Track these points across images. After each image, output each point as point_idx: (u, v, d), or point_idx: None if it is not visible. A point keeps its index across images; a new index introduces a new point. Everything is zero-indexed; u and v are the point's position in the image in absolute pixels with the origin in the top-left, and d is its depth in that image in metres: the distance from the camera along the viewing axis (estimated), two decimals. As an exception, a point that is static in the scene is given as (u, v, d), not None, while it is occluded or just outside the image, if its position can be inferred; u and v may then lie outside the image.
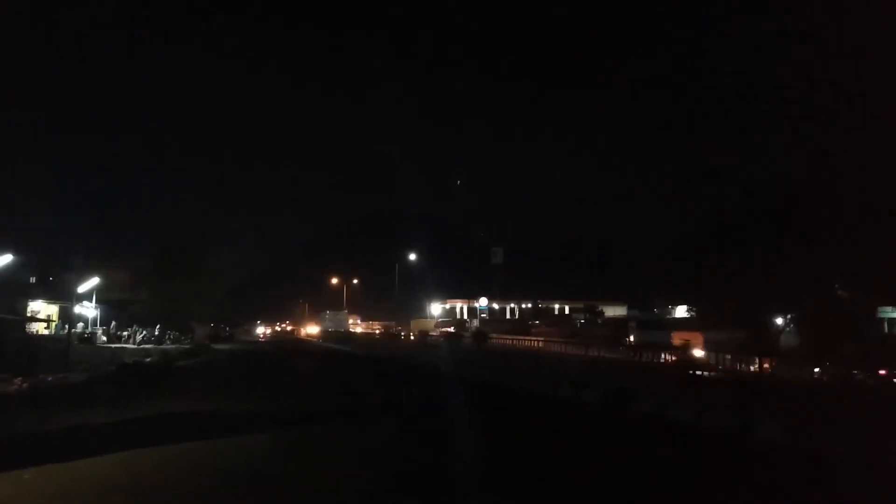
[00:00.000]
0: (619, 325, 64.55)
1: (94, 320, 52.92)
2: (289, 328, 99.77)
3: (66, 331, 40.77)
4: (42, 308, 50.48)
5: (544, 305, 79.07)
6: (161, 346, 46.76)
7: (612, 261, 70.11)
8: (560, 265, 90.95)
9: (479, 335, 58.96)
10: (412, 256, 61.29)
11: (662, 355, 33.60)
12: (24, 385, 17.36)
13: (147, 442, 10.86)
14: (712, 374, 21.94)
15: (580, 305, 69.65)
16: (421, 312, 76.26)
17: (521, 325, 65.79)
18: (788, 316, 35.18)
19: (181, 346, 51.62)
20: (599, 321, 67.93)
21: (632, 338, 53.25)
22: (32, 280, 54.03)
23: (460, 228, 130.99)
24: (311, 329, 75.00)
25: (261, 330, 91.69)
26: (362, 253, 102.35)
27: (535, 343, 48.45)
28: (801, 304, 31.68)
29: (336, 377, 27.73)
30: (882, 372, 11.26)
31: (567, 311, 74.27)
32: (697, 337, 38.93)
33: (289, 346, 60.68)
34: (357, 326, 72.32)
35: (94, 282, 46.07)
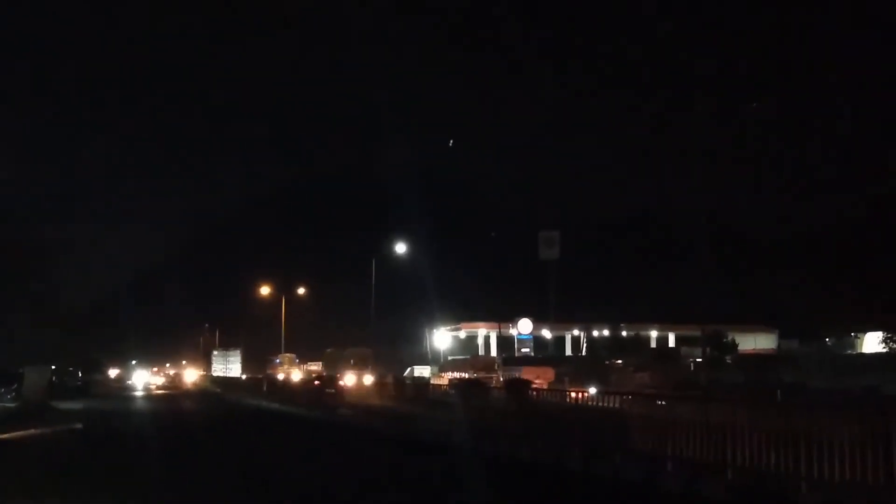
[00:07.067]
0: (762, 366, 38.32)
1: None
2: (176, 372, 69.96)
3: None
4: None
5: (631, 333, 50.03)
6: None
7: (738, 257, 43.47)
8: (651, 264, 57.29)
9: (517, 385, 33.37)
10: (401, 248, 35.64)
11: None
12: None
13: None
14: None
15: (696, 333, 40.82)
16: (415, 341, 48.78)
17: (590, 367, 39.17)
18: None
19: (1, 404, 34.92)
20: (728, 359, 40.54)
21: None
22: None
23: (478, 208, 78.16)
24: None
25: (142, 376, 62.17)
26: (317, 246, 72.28)
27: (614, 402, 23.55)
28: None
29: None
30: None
31: (672, 343, 46.03)
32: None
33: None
34: (294, 368, 48.60)
35: None
